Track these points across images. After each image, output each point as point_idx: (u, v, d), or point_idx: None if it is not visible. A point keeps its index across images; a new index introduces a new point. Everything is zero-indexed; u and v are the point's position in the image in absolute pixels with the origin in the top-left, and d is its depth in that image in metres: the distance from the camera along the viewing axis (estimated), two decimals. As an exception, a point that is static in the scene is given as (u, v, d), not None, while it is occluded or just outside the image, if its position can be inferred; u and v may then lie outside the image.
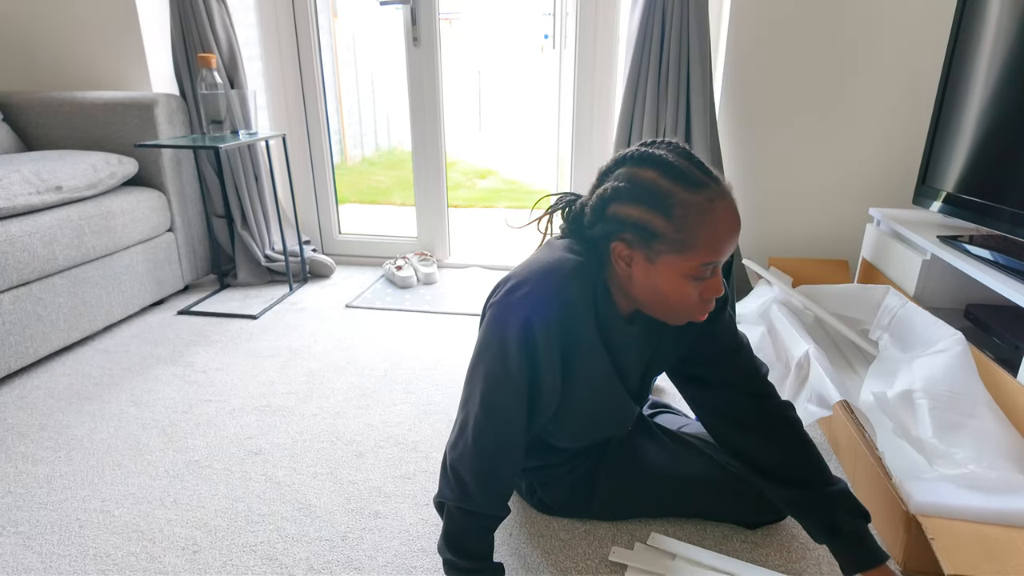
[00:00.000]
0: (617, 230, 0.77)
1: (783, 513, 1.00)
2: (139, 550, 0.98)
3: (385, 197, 4.24)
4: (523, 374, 0.78)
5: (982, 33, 1.34)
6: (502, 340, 0.77)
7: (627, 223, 0.75)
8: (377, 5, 2.11)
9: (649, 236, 0.74)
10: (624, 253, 0.77)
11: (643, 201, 0.74)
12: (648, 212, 0.74)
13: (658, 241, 0.74)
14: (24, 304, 1.48)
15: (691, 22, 1.72)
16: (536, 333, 0.76)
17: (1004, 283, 1.16)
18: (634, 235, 0.75)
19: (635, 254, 0.77)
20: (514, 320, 0.76)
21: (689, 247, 0.73)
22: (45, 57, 2.07)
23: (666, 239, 0.73)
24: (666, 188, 0.73)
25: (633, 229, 0.75)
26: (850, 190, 1.94)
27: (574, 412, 0.89)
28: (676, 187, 0.73)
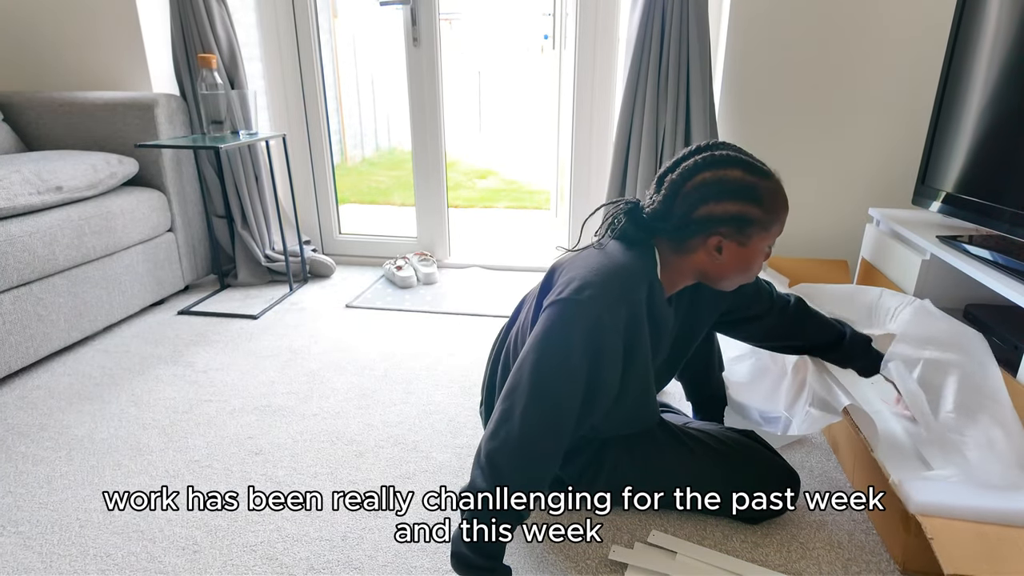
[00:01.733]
0: (712, 226, 0.87)
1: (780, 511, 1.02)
2: (139, 550, 0.98)
3: (385, 197, 4.24)
4: (583, 372, 0.82)
5: (981, 33, 1.35)
6: (566, 336, 0.82)
7: (724, 219, 0.86)
8: (377, 5, 2.11)
9: (745, 224, 0.86)
10: (717, 243, 0.88)
11: (738, 196, 0.86)
12: (744, 204, 0.86)
13: (752, 226, 0.87)
14: (24, 304, 1.48)
15: (691, 22, 1.72)
16: (605, 334, 0.82)
17: (1004, 283, 1.16)
18: (730, 227, 0.87)
19: (728, 243, 0.88)
20: (583, 319, 0.82)
21: (773, 224, 0.88)
22: (45, 57, 2.07)
23: (759, 223, 0.87)
24: (752, 181, 0.86)
25: (730, 222, 0.86)
26: (850, 190, 1.94)
27: (622, 406, 0.94)
28: (758, 179, 0.86)
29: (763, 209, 0.86)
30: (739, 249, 0.89)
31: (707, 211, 0.86)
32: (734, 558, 0.95)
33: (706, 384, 1.27)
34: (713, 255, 0.89)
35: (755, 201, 0.86)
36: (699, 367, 1.26)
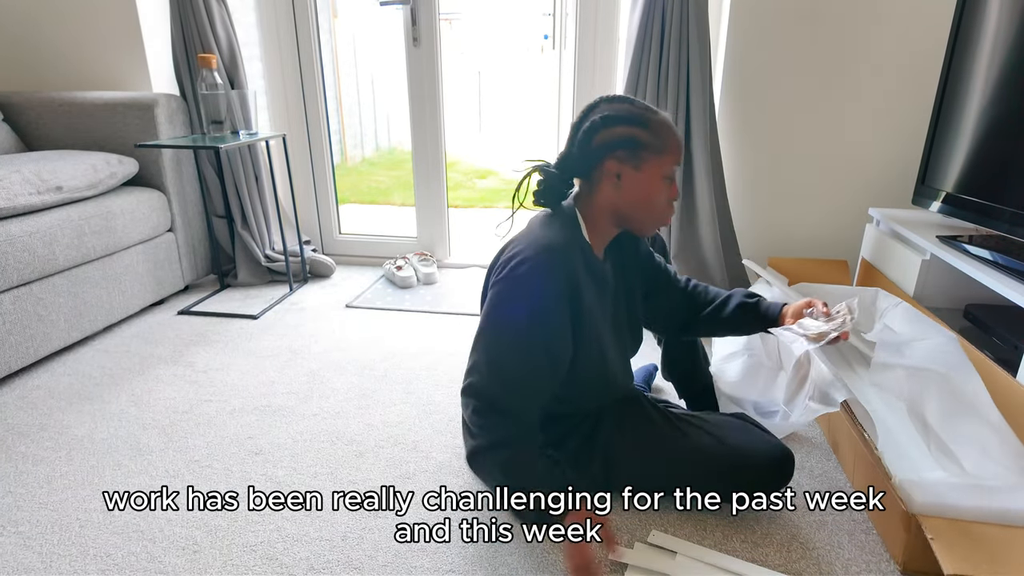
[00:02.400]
0: (608, 150, 0.96)
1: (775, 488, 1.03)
2: (139, 550, 0.98)
3: (385, 197, 4.24)
4: (537, 341, 0.92)
5: (981, 33, 1.35)
6: (512, 311, 0.92)
7: (616, 142, 0.95)
8: (377, 5, 2.11)
9: (636, 145, 0.95)
10: (615, 168, 0.96)
11: (626, 121, 0.95)
12: (632, 128, 0.95)
13: (643, 149, 0.95)
14: (24, 304, 1.48)
15: (691, 22, 1.72)
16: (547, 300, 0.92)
17: (1003, 283, 1.16)
18: (624, 150, 0.95)
19: (624, 167, 0.96)
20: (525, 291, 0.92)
21: (664, 149, 0.96)
22: (46, 57, 2.07)
23: (649, 145, 0.95)
24: (639, 111, 0.97)
25: (622, 144, 0.95)
26: (849, 190, 1.94)
27: (582, 370, 1.00)
28: (644, 110, 0.97)
29: (650, 132, 0.95)
30: (636, 175, 0.96)
31: (601, 138, 0.96)
32: (734, 558, 0.95)
33: (695, 378, 1.29)
34: (615, 183, 0.98)
35: (641, 125, 0.95)
36: (685, 364, 1.29)
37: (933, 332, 1.21)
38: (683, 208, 1.88)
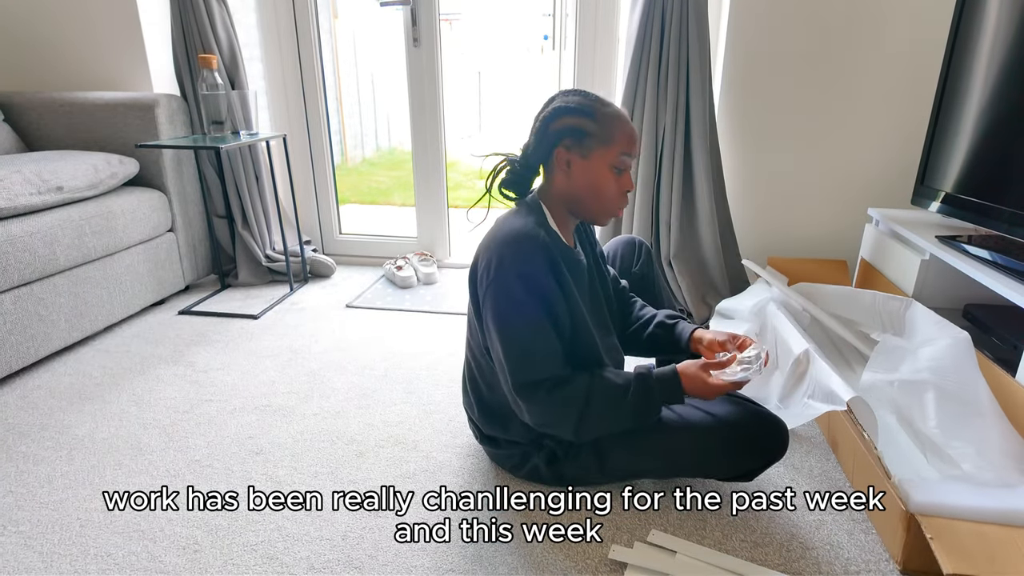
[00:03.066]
0: (558, 138, 1.01)
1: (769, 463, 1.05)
2: (140, 549, 0.99)
3: (385, 197, 4.24)
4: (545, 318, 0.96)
5: (981, 33, 1.35)
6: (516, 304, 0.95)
7: (565, 131, 1.00)
8: (377, 6, 2.11)
9: (582, 135, 1.00)
10: (564, 156, 1.01)
11: (574, 112, 1.00)
12: (579, 118, 1.00)
13: (589, 138, 1.00)
14: (25, 304, 1.48)
15: (691, 23, 1.72)
16: (538, 281, 0.96)
17: (1003, 283, 1.16)
18: (572, 138, 1.00)
19: (572, 155, 1.01)
20: (515, 282, 0.95)
21: (611, 139, 1.00)
22: (46, 58, 2.08)
23: (594, 135, 1.00)
24: (589, 102, 1.01)
25: (570, 133, 1.00)
26: (849, 190, 1.94)
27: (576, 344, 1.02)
28: (595, 102, 1.01)
29: (596, 123, 0.99)
30: (584, 163, 1.01)
31: (553, 128, 1.01)
32: (734, 558, 0.95)
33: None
34: (565, 171, 1.02)
35: (589, 116, 0.99)
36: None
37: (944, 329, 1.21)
38: (683, 208, 1.88)
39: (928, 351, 1.18)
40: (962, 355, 1.14)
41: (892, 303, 1.36)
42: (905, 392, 1.14)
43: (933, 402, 1.10)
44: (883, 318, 1.38)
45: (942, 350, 1.17)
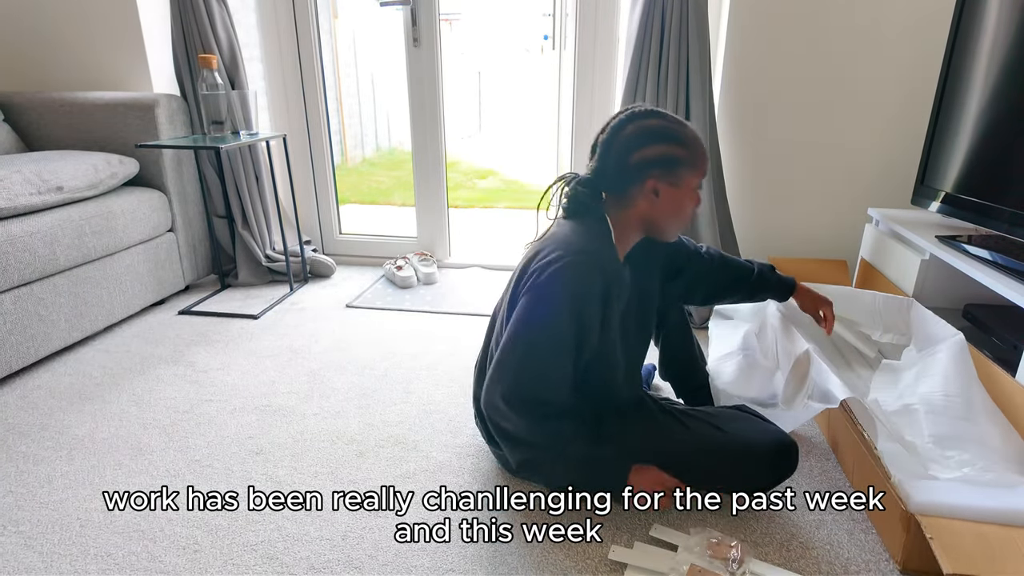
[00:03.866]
0: (646, 170, 0.96)
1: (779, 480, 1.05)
2: (140, 549, 0.99)
3: (385, 197, 4.24)
4: (569, 339, 0.94)
5: (981, 33, 1.35)
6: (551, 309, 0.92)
7: (654, 161, 0.96)
8: (377, 6, 2.11)
9: (674, 163, 0.96)
10: (652, 186, 0.97)
11: (661, 139, 0.96)
12: (669, 146, 0.96)
13: (680, 166, 0.96)
14: (25, 304, 1.48)
15: (691, 22, 1.72)
16: (584, 302, 0.93)
17: (1003, 283, 1.16)
18: (662, 168, 0.96)
19: (661, 184, 0.97)
20: (564, 291, 0.92)
21: (698, 164, 0.98)
22: (46, 58, 2.08)
23: (685, 162, 0.96)
24: (672, 126, 0.97)
25: (661, 163, 0.96)
26: (849, 190, 1.94)
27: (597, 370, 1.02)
28: (676, 125, 0.97)
29: (686, 148, 0.96)
30: (673, 190, 0.98)
31: (639, 157, 0.96)
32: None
33: (692, 376, 1.31)
34: (652, 199, 0.99)
35: (677, 142, 0.96)
36: (683, 363, 1.31)
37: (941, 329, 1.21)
38: (683, 208, 1.88)
39: (920, 368, 1.20)
40: (957, 360, 1.14)
41: (892, 303, 1.36)
42: (899, 415, 1.16)
43: (923, 418, 1.11)
44: (884, 318, 1.38)
45: (933, 363, 1.17)
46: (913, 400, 1.15)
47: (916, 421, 1.12)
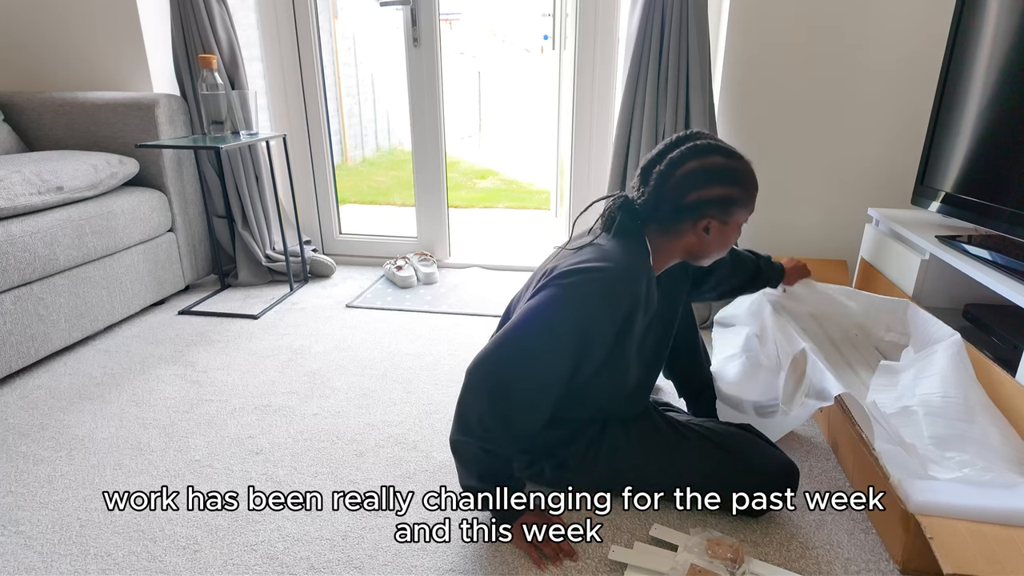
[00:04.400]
0: (703, 209, 0.95)
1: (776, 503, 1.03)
2: (140, 549, 0.99)
3: (385, 197, 4.24)
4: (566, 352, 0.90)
5: (981, 33, 1.35)
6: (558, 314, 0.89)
7: (712, 202, 0.94)
8: (377, 6, 2.11)
9: (730, 204, 0.95)
10: (705, 224, 0.96)
11: (720, 180, 0.94)
12: (728, 187, 0.94)
13: (736, 206, 0.96)
14: (25, 304, 1.48)
15: (691, 23, 1.72)
16: (597, 322, 0.91)
17: (1003, 283, 1.16)
18: (717, 209, 0.95)
19: (714, 223, 0.96)
20: (580, 303, 0.90)
21: (750, 201, 0.97)
22: (46, 58, 2.08)
23: (740, 202, 0.96)
24: (732, 165, 0.95)
25: (718, 204, 0.94)
26: (849, 190, 1.94)
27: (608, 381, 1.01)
28: (736, 162, 0.95)
29: (743, 189, 0.95)
30: (722, 227, 0.98)
31: (697, 196, 0.94)
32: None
33: (695, 377, 1.30)
34: (701, 236, 0.98)
35: (736, 183, 0.95)
36: (685, 363, 1.30)
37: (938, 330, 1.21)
38: (683, 208, 1.88)
39: (917, 370, 1.20)
40: (955, 360, 1.14)
41: (888, 305, 1.37)
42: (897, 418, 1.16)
43: (922, 420, 1.11)
44: (883, 318, 1.38)
45: (930, 364, 1.17)
46: (912, 402, 1.15)
47: (915, 423, 1.12)
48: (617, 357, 0.99)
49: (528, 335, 0.90)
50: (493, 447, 0.93)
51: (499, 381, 0.91)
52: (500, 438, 0.92)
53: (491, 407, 0.91)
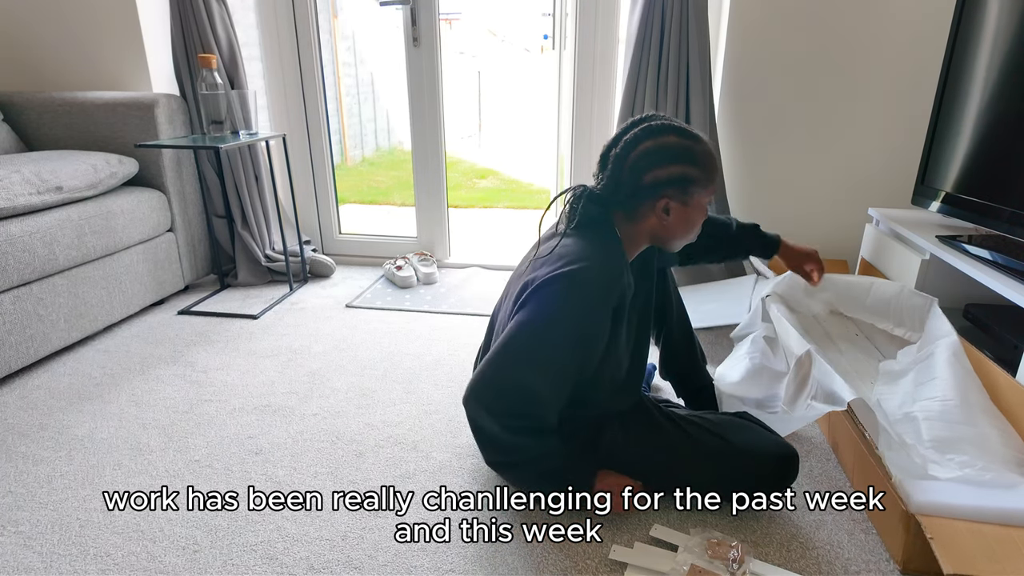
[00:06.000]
0: (660, 189, 0.94)
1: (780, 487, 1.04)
2: (139, 550, 0.98)
3: (385, 197, 4.24)
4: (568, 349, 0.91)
5: (981, 33, 1.35)
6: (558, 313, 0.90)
7: (668, 181, 0.94)
8: (377, 5, 2.11)
9: (687, 183, 0.94)
10: (663, 204, 0.96)
11: (675, 159, 0.93)
12: (684, 166, 0.93)
13: (693, 185, 0.95)
14: (25, 304, 1.48)
15: (691, 22, 1.72)
16: (595, 315, 0.91)
17: (1003, 283, 1.16)
18: (675, 188, 0.94)
19: (673, 203, 0.96)
20: (577, 298, 0.90)
21: (710, 181, 0.96)
22: (46, 57, 2.07)
23: (698, 181, 0.94)
24: (688, 144, 0.94)
25: (674, 183, 0.94)
26: (849, 190, 1.94)
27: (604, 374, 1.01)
28: (692, 142, 0.94)
29: (700, 168, 0.94)
30: (683, 208, 0.97)
31: (653, 176, 0.94)
32: (734, 558, 0.95)
33: (693, 377, 1.30)
34: (662, 217, 0.98)
35: (693, 162, 0.94)
36: (683, 363, 1.30)
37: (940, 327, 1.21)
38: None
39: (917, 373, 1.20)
40: (952, 361, 1.14)
41: (916, 299, 1.37)
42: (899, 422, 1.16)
43: (922, 423, 1.11)
44: (902, 313, 1.38)
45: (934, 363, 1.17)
46: (913, 408, 1.15)
47: (916, 428, 1.12)
48: (612, 350, 0.99)
49: (525, 351, 0.91)
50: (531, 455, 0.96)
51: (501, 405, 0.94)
52: (530, 447, 0.96)
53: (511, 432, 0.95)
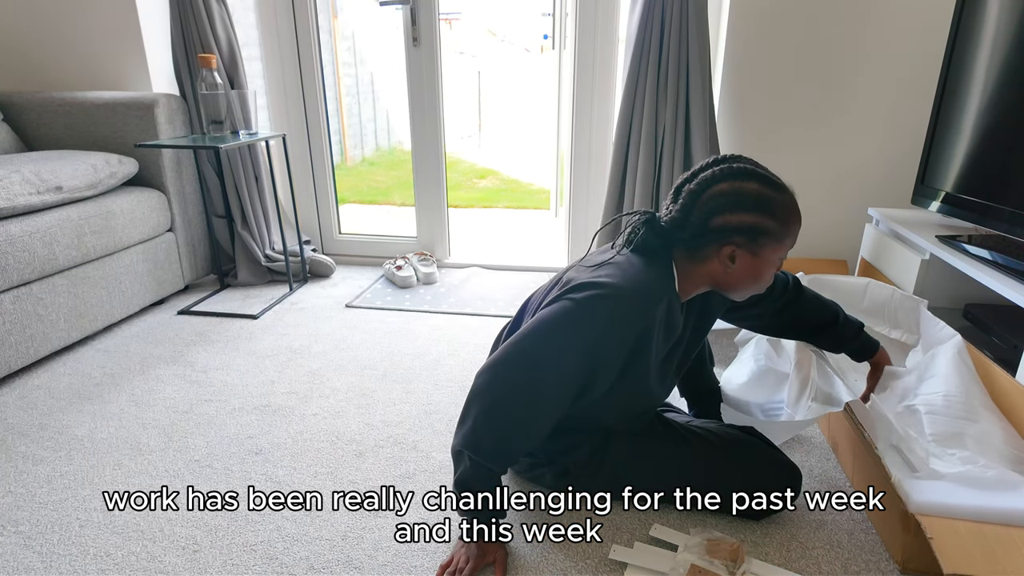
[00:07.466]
0: (728, 236, 0.89)
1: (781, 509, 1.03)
2: (139, 549, 0.98)
3: (385, 197, 4.24)
4: (571, 371, 0.88)
5: (981, 33, 1.35)
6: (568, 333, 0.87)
7: (738, 229, 0.88)
8: (377, 5, 2.11)
9: (758, 235, 0.89)
10: (730, 252, 0.90)
11: (751, 208, 0.88)
12: (759, 216, 0.88)
13: (765, 237, 0.89)
14: (24, 304, 1.48)
15: (691, 22, 1.72)
16: (606, 345, 0.87)
17: (1003, 283, 1.16)
18: (744, 237, 0.89)
19: (740, 252, 0.90)
20: (591, 322, 0.87)
21: (785, 236, 0.90)
22: (46, 57, 2.07)
23: (771, 234, 0.89)
24: (768, 194, 0.88)
25: (744, 232, 0.88)
26: (849, 190, 1.94)
27: (615, 401, 0.98)
28: (773, 192, 0.89)
29: (777, 221, 0.88)
30: (751, 259, 0.91)
31: (723, 221, 0.89)
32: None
33: (699, 378, 1.29)
34: (726, 264, 0.91)
35: (769, 213, 0.88)
36: (691, 364, 1.28)
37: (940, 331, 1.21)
38: (683, 208, 1.88)
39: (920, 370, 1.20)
40: (956, 361, 1.14)
41: (906, 302, 1.36)
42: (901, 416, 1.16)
43: (924, 418, 1.11)
44: (896, 315, 1.38)
45: (937, 363, 1.17)
46: (914, 402, 1.15)
47: (917, 422, 1.12)
48: (631, 379, 0.95)
49: (534, 348, 0.88)
50: (480, 459, 0.90)
51: (501, 390, 0.90)
52: (490, 452, 0.90)
53: (487, 418, 0.89)
